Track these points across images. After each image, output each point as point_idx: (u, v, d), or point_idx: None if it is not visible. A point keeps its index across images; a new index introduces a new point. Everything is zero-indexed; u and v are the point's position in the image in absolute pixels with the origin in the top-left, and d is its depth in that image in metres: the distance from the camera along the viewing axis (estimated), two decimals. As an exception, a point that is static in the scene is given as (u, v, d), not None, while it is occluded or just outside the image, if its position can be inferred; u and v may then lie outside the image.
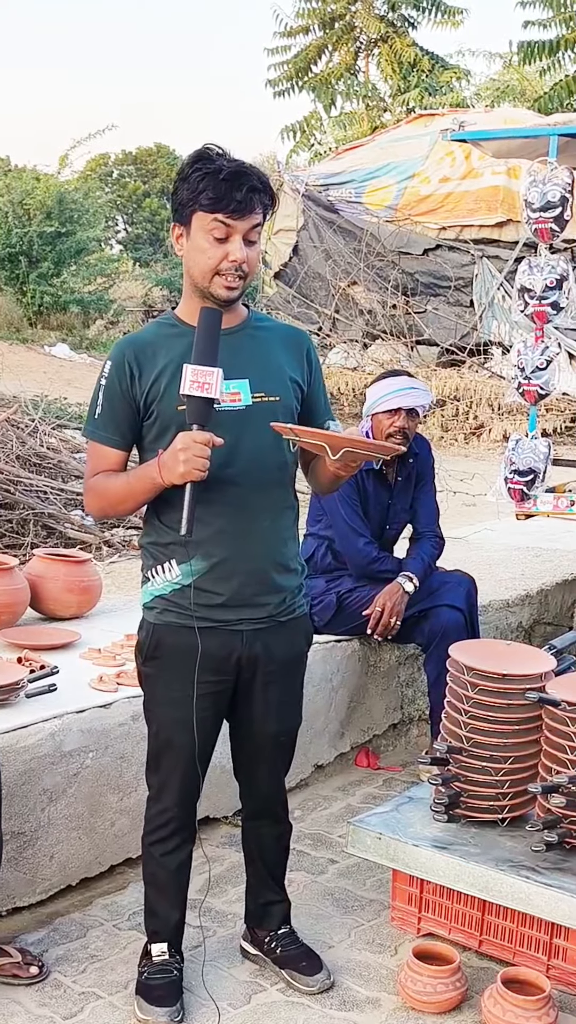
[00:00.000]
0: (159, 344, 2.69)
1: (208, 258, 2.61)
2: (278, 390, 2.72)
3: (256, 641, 2.76)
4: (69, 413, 9.47)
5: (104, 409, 2.71)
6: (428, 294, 15.40)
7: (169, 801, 2.82)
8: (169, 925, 2.90)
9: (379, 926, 3.31)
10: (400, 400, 4.20)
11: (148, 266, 26.96)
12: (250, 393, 2.67)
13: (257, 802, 2.99)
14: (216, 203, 2.55)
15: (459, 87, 24.51)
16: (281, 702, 2.86)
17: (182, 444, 2.53)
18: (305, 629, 2.93)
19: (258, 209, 2.59)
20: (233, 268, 2.59)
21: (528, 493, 4.86)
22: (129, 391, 2.67)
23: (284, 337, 2.83)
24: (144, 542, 2.81)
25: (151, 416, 2.67)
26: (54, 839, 3.30)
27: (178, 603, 2.72)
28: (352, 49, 25.11)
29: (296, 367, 2.79)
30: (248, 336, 2.73)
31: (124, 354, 2.69)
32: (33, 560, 4.51)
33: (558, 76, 21.32)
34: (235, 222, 2.57)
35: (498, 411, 12.95)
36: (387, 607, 4.20)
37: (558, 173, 4.64)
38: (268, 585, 2.75)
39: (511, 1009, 2.75)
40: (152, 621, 2.78)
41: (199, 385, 2.52)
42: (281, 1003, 2.91)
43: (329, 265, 15.87)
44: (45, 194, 18.86)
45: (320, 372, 2.89)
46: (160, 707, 2.80)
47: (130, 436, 2.72)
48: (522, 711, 3.17)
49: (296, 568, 2.85)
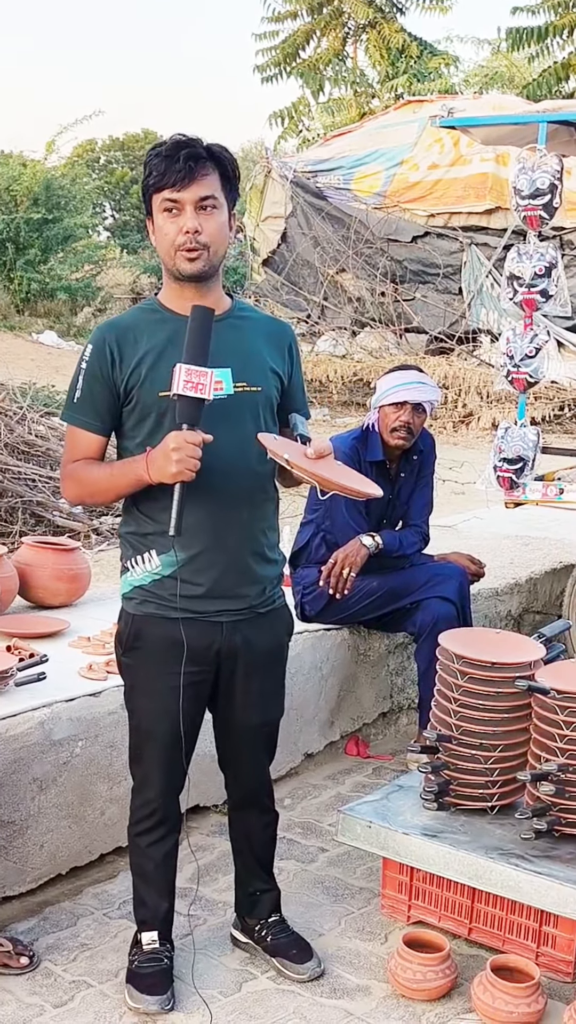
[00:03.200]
0: (141, 329, 2.68)
1: (165, 235, 2.61)
2: (259, 380, 2.72)
3: (236, 632, 2.75)
4: (57, 401, 9.40)
5: (84, 393, 2.69)
6: (417, 281, 15.39)
7: (152, 792, 2.82)
8: (158, 914, 2.90)
9: (369, 914, 3.31)
10: (407, 394, 4.19)
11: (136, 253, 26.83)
12: (232, 382, 2.66)
13: (243, 792, 2.99)
14: (160, 180, 2.57)
15: (448, 73, 24.45)
16: (263, 693, 2.86)
17: (175, 444, 2.52)
18: (285, 620, 2.92)
19: (202, 176, 2.57)
20: (189, 240, 2.58)
21: (517, 481, 4.86)
22: (110, 376, 2.65)
23: (267, 328, 2.82)
24: (123, 532, 2.81)
25: (131, 402, 2.66)
26: (44, 828, 3.30)
27: (158, 593, 2.71)
28: (340, 35, 25.02)
29: (277, 358, 2.79)
30: (231, 325, 2.72)
31: (105, 338, 2.67)
32: (22, 548, 4.50)
33: (547, 63, 21.33)
34: (180, 194, 2.57)
35: (487, 399, 12.95)
36: (340, 557, 4.19)
37: (547, 160, 4.62)
38: (247, 575, 2.74)
39: (501, 996, 2.76)
40: (131, 611, 2.78)
41: (192, 385, 2.51)
42: (272, 991, 2.92)
43: (318, 252, 15.83)
44: (32, 180, 18.76)
45: (299, 366, 2.89)
46: (141, 698, 2.80)
47: (109, 421, 2.70)
48: (511, 699, 3.17)
49: (275, 559, 2.85)
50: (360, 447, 4.25)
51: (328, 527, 4.33)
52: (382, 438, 4.27)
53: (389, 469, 4.35)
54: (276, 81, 24.88)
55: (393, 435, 4.22)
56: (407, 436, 4.24)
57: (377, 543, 4.21)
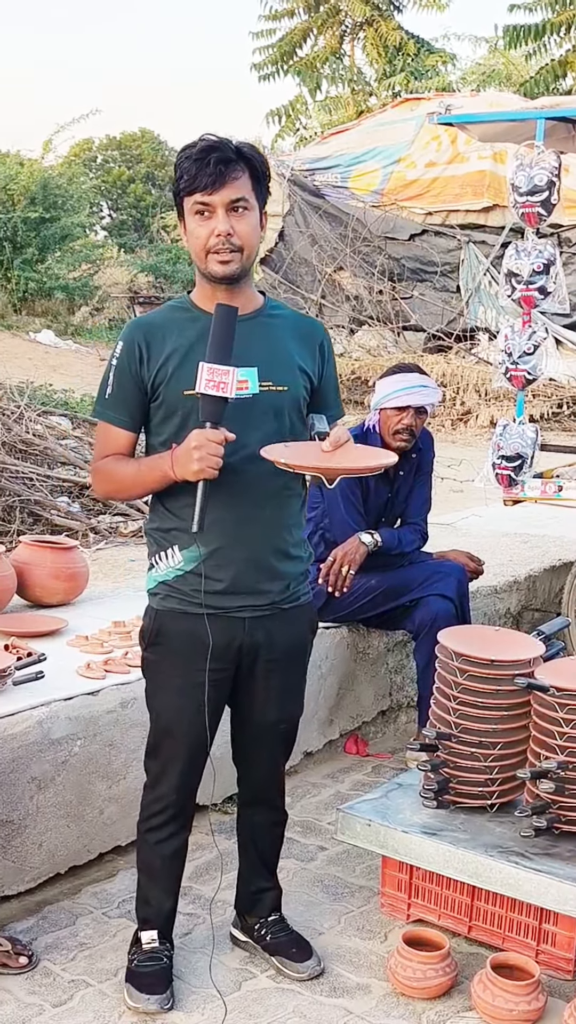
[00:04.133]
0: (170, 327, 2.69)
1: (197, 238, 2.61)
2: (286, 379, 2.70)
3: (258, 628, 2.75)
4: (55, 400, 9.43)
5: (114, 390, 2.71)
6: (415, 279, 15.37)
7: (166, 788, 2.82)
8: (161, 913, 2.90)
9: (369, 912, 3.31)
10: (409, 398, 4.19)
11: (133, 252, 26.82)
12: (257, 381, 2.66)
13: (254, 789, 2.99)
14: (191, 183, 2.57)
15: (445, 71, 24.40)
16: (283, 690, 2.86)
17: (196, 442, 2.53)
18: (309, 617, 2.92)
19: (234, 180, 2.57)
20: (221, 242, 2.58)
21: (516, 479, 4.85)
22: (138, 373, 2.67)
23: (297, 326, 2.81)
24: (149, 528, 2.82)
25: (158, 399, 2.68)
26: (43, 827, 3.29)
27: (180, 589, 2.72)
28: (337, 33, 24.98)
29: (307, 357, 2.77)
30: (260, 324, 2.72)
31: (135, 336, 2.69)
32: (19, 547, 4.49)
33: (544, 60, 21.31)
34: (211, 197, 2.57)
35: (485, 397, 12.94)
36: (339, 555, 4.18)
37: (545, 157, 4.61)
38: (268, 572, 2.74)
39: (501, 994, 2.75)
40: (155, 607, 2.79)
41: (215, 384, 2.52)
42: (271, 990, 2.91)
43: (315, 251, 15.81)
44: (29, 179, 18.73)
45: (333, 365, 2.86)
46: (161, 693, 2.80)
47: (139, 417, 2.72)
48: (511, 697, 3.17)
49: (300, 555, 2.83)
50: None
51: (327, 525, 4.32)
52: (383, 440, 4.26)
53: (387, 468, 4.34)
54: (273, 79, 24.85)
55: (396, 438, 4.22)
56: (409, 439, 4.24)
57: (376, 541, 4.20)
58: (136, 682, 3.59)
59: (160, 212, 30.33)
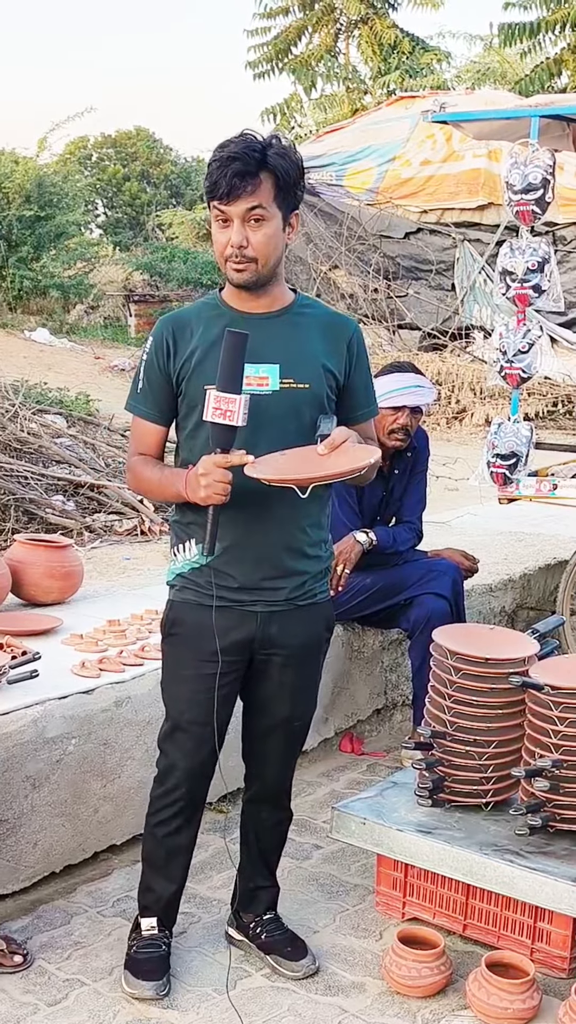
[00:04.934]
0: (197, 323, 2.72)
1: (218, 244, 2.65)
2: (308, 377, 2.69)
3: (272, 623, 2.75)
4: (50, 398, 9.41)
5: (145, 384, 2.75)
6: (410, 278, 15.38)
7: (176, 781, 2.82)
8: (162, 901, 2.92)
9: (364, 911, 3.31)
10: (405, 399, 4.18)
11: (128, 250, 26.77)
12: (279, 379, 2.66)
13: (261, 785, 2.99)
14: (211, 191, 2.60)
15: (440, 69, 24.37)
16: (296, 686, 2.86)
17: (204, 469, 2.55)
18: (325, 615, 2.91)
19: (250, 192, 2.55)
20: (234, 253, 2.60)
21: (511, 477, 4.85)
22: (165, 367, 2.71)
23: (326, 323, 2.78)
24: (171, 519, 2.86)
25: (181, 392, 2.71)
26: (37, 826, 3.29)
27: (195, 581, 2.75)
28: (332, 31, 24.97)
29: (333, 355, 2.75)
30: (288, 321, 2.72)
31: (163, 331, 2.73)
32: (14, 546, 4.49)
33: (539, 58, 21.29)
34: (226, 207, 2.58)
35: (480, 395, 12.94)
36: (336, 555, 4.18)
37: (539, 155, 4.62)
38: (280, 570, 2.73)
39: (496, 993, 2.75)
40: (172, 599, 2.82)
41: (221, 413, 2.52)
42: (266, 988, 2.91)
43: (310, 249, 15.81)
44: (24, 178, 18.68)
45: (365, 361, 2.84)
46: (173, 684, 2.82)
47: (168, 412, 2.76)
48: (505, 695, 3.17)
49: (318, 554, 2.82)
50: None
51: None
52: (378, 439, 4.25)
53: (383, 467, 4.34)
54: (268, 77, 24.83)
55: (391, 437, 4.21)
56: (404, 438, 4.24)
57: (371, 539, 4.20)
58: (131, 681, 3.60)
59: (155, 210, 30.28)
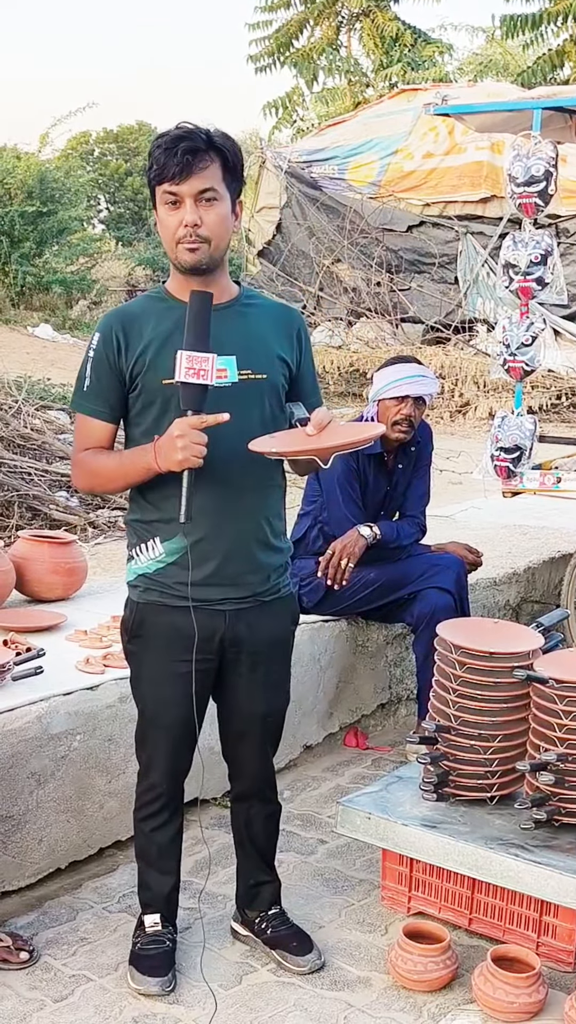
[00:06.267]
0: (147, 317, 2.69)
1: (167, 228, 2.62)
2: (265, 368, 2.71)
3: (239, 621, 2.75)
4: (53, 394, 9.39)
5: (92, 381, 2.71)
6: (412, 271, 15.33)
7: (156, 777, 2.84)
8: (161, 896, 2.92)
9: (369, 906, 3.31)
10: (408, 388, 4.17)
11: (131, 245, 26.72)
12: (236, 370, 2.66)
13: (245, 783, 2.99)
14: (160, 173, 2.57)
15: (442, 61, 24.29)
16: (267, 683, 2.86)
17: (179, 431, 2.53)
18: (291, 609, 2.92)
19: (201, 169, 2.56)
20: (188, 233, 2.58)
21: (514, 471, 4.84)
22: (116, 363, 2.67)
23: (274, 315, 2.81)
24: (129, 519, 2.81)
25: (136, 389, 2.68)
26: (43, 822, 3.29)
27: (161, 581, 2.73)
28: (334, 24, 24.87)
29: (285, 345, 2.77)
30: (236, 313, 2.72)
31: (111, 326, 2.69)
32: (18, 542, 4.49)
33: (541, 50, 21.21)
34: (178, 187, 2.57)
35: (484, 388, 12.90)
36: (338, 548, 4.18)
37: (542, 147, 4.60)
38: (251, 563, 2.74)
39: (501, 987, 2.75)
40: (136, 599, 2.79)
41: (194, 372, 2.52)
42: (272, 983, 2.91)
43: (313, 243, 15.77)
44: (26, 173, 18.67)
45: (310, 351, 2.87)
46: (145, 685, 2.82)
47: (118, 408, 2.72)
48: (510, 689, 3.17)
49: (281, 547, 2.85)
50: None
51: (325, 519, 4.32)
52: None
53: (386, 461, 4.34)
54: (270, 71, 24.72)
55: (394, 428, 4.20)
56: (408, 429, 4.23)
57: (375, 533, 4.20)
58: (135, 677, 3.59)
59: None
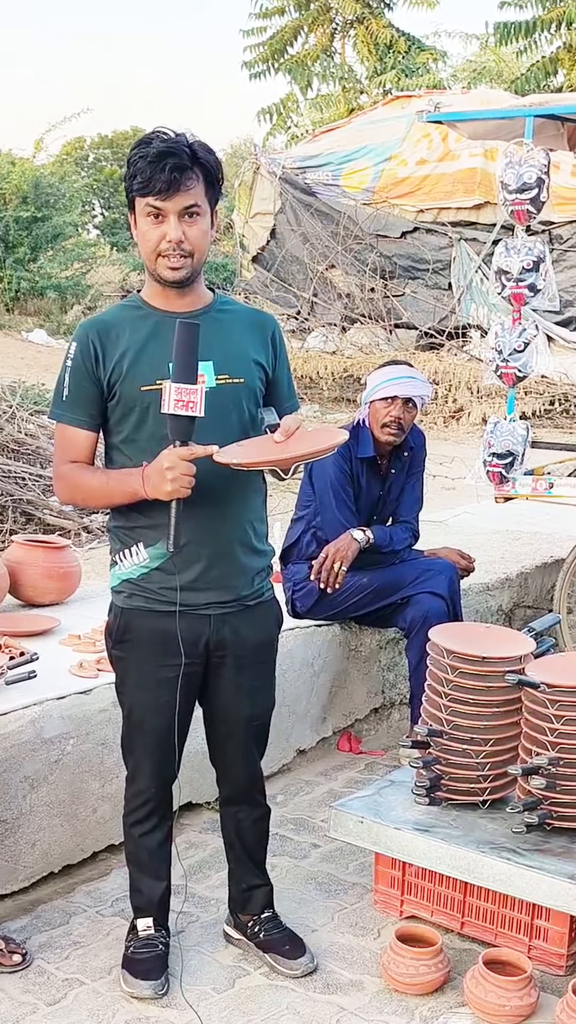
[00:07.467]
0: (123, 325, 2.70)
1: (148, 240, 2.63)
2: (242, 372, 2.73)
3: (224, 625, 2.77)
4: (47, 399, 9.38)
5: (71, 391, 2.71)
6: (406, 277, 15.36)
7: (144, 782, 2.85)
8: (153, 900, 2.93)
9: (362, 909, 3.32)
10: (397, 388, 4.18)
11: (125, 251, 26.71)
12: (214, 375, 2.68)
13: (233, 787, 3.00)
14: (145, 186, 2.57)
15: (436, 68, 24.34)
16: (253, 687, 2.88)
17: (168, 463, 2.54)
18: (275, 613, 2.94)
19: (187, 187, 2.57)
20: (172, 248, 2.60)
21: (507, 476, 4.86)
22: (94, 372, 2.68)
23: (249, 320, 2.83)
24: (112, 525, 2.83)
25: (114, 397, 2.69)
26: (36, 826, 3.30)
27: (145, 587, 2.74)
28: (328, 30, 24.92)
29: (260, 349, 2.79)
30: (212, 319, 2.73)
31: (88, 335, 2.70)
32: (12, 547, 4.49)
33: (535, 57, 21.29)
34: (164, 203, 2.58)
35: (477, 394, 12.93)
36: (331, 551, 4.19)
37: (534, 154, 4.62)
38: (235, 567, 2.76)
39: (493, 990, 2.76)
40: (120, 605, 2.80)
41: (183, 404, 2.53)
42: (265, 987, 2.92)
43: (307, 248, 15.79)
44: (21, 179, 18.70)
45: (285, 356, 2.89)
46: (130, 690, 2.83)
47: (98, 417, 2.73)
48: (502, 693, 3.18)
49: (264, 550, 2.87)
50: (351, 443, 4.24)
51: (319, 523, 4.33)
52: (372, 434, 4.26)
53: (380, 466, 4.35)
54: (264, 77, 24.75)
55: (384, 430, 4.21)
56: (398, 432, 4.23)
57: (368, 537, 4.21)
58: (128, 681, 3.60)
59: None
